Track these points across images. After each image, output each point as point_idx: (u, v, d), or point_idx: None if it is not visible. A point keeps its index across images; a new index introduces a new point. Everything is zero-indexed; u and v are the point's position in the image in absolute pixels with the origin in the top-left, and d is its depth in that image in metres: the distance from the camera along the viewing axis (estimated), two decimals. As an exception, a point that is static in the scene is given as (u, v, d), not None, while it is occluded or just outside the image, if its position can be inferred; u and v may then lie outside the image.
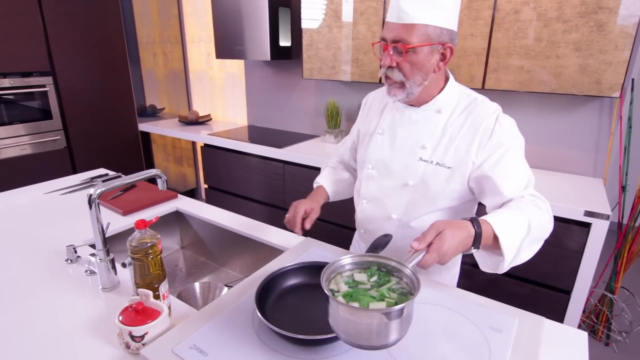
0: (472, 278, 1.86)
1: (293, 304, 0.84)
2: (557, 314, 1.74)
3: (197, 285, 1.18)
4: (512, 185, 0.89)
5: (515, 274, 1.77)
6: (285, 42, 2.54)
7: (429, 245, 0.73)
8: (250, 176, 2.64)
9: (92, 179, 1.81)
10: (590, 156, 1.97)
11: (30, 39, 2.54)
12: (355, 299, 0.64)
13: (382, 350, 0.71)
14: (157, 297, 0.84)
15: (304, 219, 1.05)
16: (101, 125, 3.04)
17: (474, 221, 0.78)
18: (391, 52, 0.88)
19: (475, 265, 1.74)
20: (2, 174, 2.56)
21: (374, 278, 0.71)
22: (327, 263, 0.70)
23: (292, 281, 0.89)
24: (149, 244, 0.81)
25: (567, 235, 1.62)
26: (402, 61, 0.88)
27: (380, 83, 2.18)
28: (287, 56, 2.59)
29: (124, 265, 0.86)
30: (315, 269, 0.89)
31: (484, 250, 0.83)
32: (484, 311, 0.84)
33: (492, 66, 1.81)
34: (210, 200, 3.01)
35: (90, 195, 0.92)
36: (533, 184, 0.94)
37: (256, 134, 2.84)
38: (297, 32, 2.62)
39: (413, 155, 0.99)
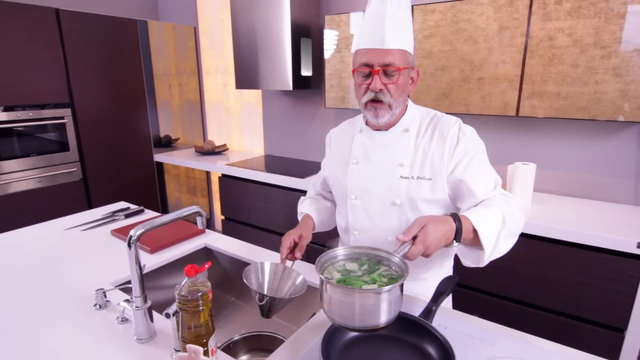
0: (521, 318, 1.74)
1: (361, 358, 0.75)
2: (610, 354, 1.60)
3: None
4: (483, 187, 0.96)
5: (564, 310, 1.65)
6: (306, 71, 2.52)
7: (415, 238, 0.78)
8: (270, 207, 2.57)
9: (114, 213, 1.74)
10: (630, 183, 1.88)
11: (51, 72, 2.54)
12: (348, 284, 0.71)
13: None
14: (205, 353, 0.75)
15: (294, 248, 1.07)
16: (117, 157, 3.00)
17: (455, 216, 0.84)
18: (381, 76, 0.94)
19: (527, 304, 1.61)
20: (19, 207, 2.50)
21: (365, 267, 0.78)
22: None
23: (355, 332, 0.79)
24: (200, 294, 0.72)
25: (619, 268, 1.52)
26: (391, 84, 0.94)
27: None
28: (307, 86, 2.57)
29: (167, 315, 0.77)
30: (380, 317, 0.79)
31: (465, 244, 0.88)
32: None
33: (527, 93, 1.76)
34: (227, 231, 2.92)
35: (131, 236, 0.84)
36: (501, 184, 1.00)
37: (275, 164, 2.79)
38: (317, 62, 2.61)
39: (393, 175, 1.03)
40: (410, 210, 1.02)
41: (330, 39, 2.28)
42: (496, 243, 0.85)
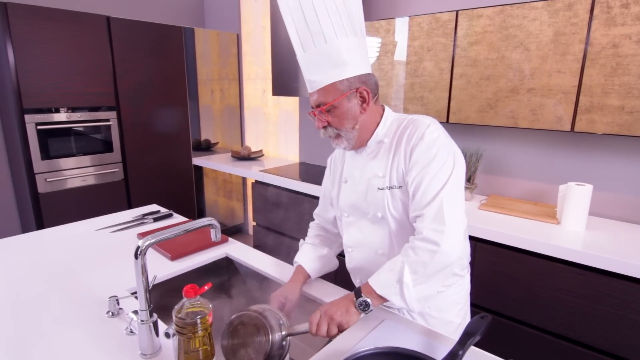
0: (567, 358, 1.55)
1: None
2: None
3: None
4: (415, 204, 0.94)
5: (621, 354, 1.45)
6: (343, 79, 2.46)
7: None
8: (301, 216, 2.51)
9: (144, 215, 1.76)
10: None
11: (100, 76, 2.66)
12: None
13: None
14: (203, 380, 0.69)
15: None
16: (157, 159, 3.09)
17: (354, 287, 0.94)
18: (318, 116, 1.00)
19: (576, 342, 1.32)
20: (67, 203, 2.63)
21: None
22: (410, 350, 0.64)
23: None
24: (199, 317, 0.67)
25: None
26: (329, 119, 0.99)
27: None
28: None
29: (167, 335, 0.73)
30: (397, 357, 0.70)
31: (385, 301, 0.91)
32: None
33: (584, 106, 1.58)
34: (257, 238, 2.91)
35: (139, 247, 0.81)
36: (445, 203, 0.90)
37: (309, 172, 2.74)
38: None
39: (372, 188, 1.04)
40: (393, 222, 1.02)
41: (368, 46, 2.20)
42: (401, 294, 0.88)
